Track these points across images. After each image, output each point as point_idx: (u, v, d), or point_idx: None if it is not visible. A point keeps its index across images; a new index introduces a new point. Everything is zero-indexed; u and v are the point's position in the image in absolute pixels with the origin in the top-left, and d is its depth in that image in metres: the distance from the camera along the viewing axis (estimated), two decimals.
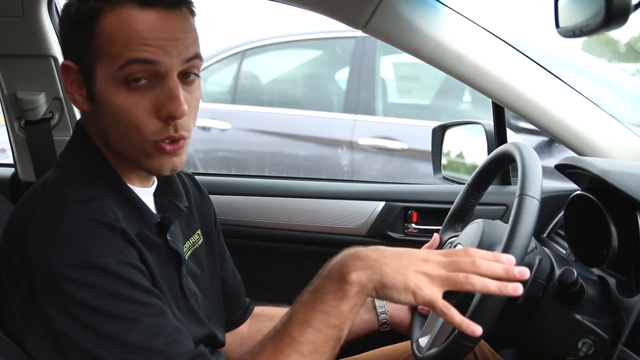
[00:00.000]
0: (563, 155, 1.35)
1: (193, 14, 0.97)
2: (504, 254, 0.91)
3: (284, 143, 4.02)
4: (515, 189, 1.02)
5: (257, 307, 1.36)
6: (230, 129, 4.08)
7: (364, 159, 3.85)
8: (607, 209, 1.14)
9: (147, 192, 1.05)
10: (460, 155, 1.99)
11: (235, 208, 1.80)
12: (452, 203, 1.32)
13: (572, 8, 0.86)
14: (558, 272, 1.07)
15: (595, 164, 1.17)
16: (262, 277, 1.76)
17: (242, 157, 4.17)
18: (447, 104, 4.01)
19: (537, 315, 1.09)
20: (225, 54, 4.16)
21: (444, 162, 1.84)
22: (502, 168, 1.29)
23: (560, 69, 1.70)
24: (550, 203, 1.52)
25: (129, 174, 1.01)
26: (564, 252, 1.37)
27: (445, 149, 1.84)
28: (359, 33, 1.41)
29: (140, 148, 0.94)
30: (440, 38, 1.35)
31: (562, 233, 1.46)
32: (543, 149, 3.02)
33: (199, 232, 1.17)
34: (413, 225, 1.72)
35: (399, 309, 1.28)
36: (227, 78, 4.31)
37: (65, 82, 0.97)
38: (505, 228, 1.00)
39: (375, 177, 3.80)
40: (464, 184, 1.31)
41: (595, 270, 1.17)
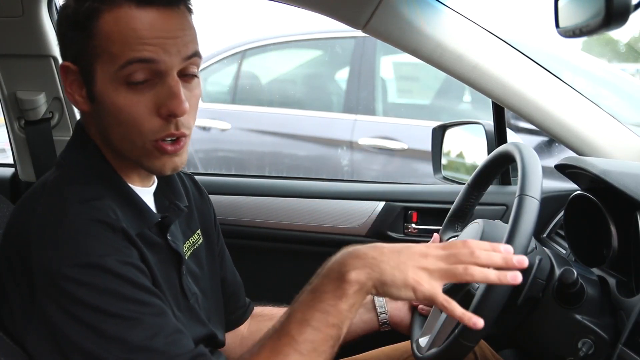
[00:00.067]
0: (563, 155, 1.35)
1: (191, 12, 0.97)
2: (502, 244, 0.91)
3: (284, 143, 4.02)
4: (515, 189, 1.02)
5: (257, 307, 1.36)
6: (230, 129, 4.08)
7: (364, 159, 3.85)
8: (607, 209, 1.14)
9: (147, 191, 1.05)
10: (460, 155, 1.99)
11: (235, 208, 1.80)
12: (452, 203, 1.32)
13: (572, 8, 0.86)
14: (558, 272, 1.07)
15: (595, 164, 1.17)
16: (262, 277, 1.76)
17: (242, 157, 4.17)
18: (447, 104, 4.01)
19: (537, 315, 1.09)
20: (225, 54, 4.16)
21: (444, 162, 1.84)
22: (502, 168, 1.29)
23: (560, 69, 1.70)
24: (550, 203, 1.52)
25: (129, 174, 1.01)
26: (564, 252, 1.37)
27: (445, 149, 1.84)
28: (359, 33, 1.41)
29: (141, 148, 0.94)
30: (440, 38, 1.35)
31: (562, 233, 1.46)
32: (543, 149, 3.02)
33: (199, 232, 1.17)
34: (413, 225, 1.72)
35: (399, 309, 1.28)
36: (227, 78, 4.31)
37: (65, 82, 0.97)
38: (505, 228, 1.00)
39: (375, 177, 3.80)
40: (464, 184, 1.31)
41: (595, 270, 1.17)
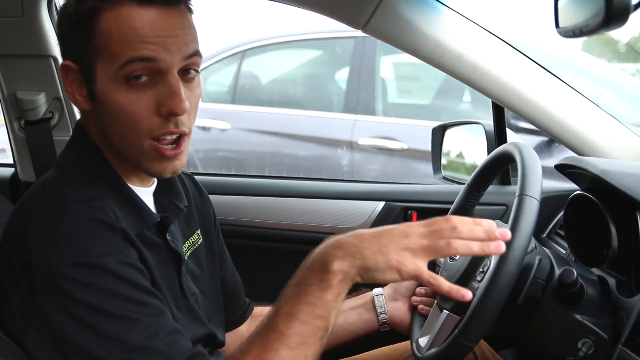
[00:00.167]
0: (563, 155, 1.35)
1: (191, 11, 0.97)
2: (485, 219, 0.91)
3: (284, 143, 4.02)
4: (515, 189, 1.02)
5: (257, 307, 1.36)
6: (230, 129, 4.08)
7: (364, 159, 3.85)
8: (607, 209, 1.14)
9: (146, 191, 1.05)
10: (460, 155, 1.99)
11: (235, 208, 1.80)
12: (452, 203, 1.32)
13: (572, 8, 0.86)
14: (558, 272, 1.07)
15: (595, 164, 1.17)
16: (262, 277, 1.75)
17: (242, 157, 4.17)
18: (447, 104, 4.01)
19: (537, 315, 1.09)
20: (225, 54, 4.16)
21: (444, 162, 1.84)
22: (502, 168, 1.29)
23: (560, 69, 1.70)
24: (550, 203, 1.52)
25: (129, 174, 1.01)
26: (564, 252, 1.36)
27: (445, 149, 1.84)
28: (359, 33, 1.41)
29: (140, 148, 0.94)
30: (440, 38, 1.35)
31: (562, 233, 1.46)
32: (543, 149, 3.02)
33: (199, 232, 1.17)
34: None
35: (399, 309, 1.28)
36: (227, 78, 4.31)
37: (65, 82, 0.97)
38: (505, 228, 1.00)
39: (375, 177, 3.80)
40: (464, 184, 1.31)
41: (595, 270, 1.17)
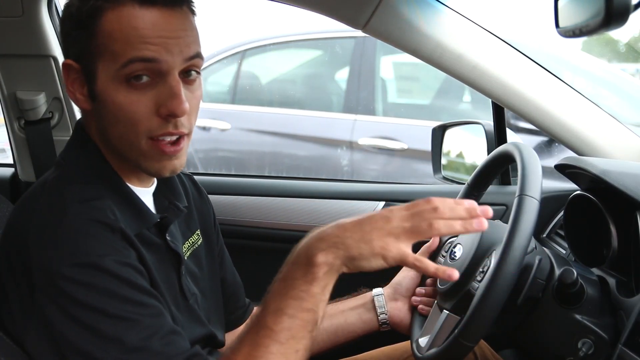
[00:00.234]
0: (563, 155, 1.35)
1: (193, 13, 0.97)
2: (466, 200, 0.91)
3: (284, 143, 4.02)
4: (515, 189, 1.02)
5: (257, 307, 1.35)
6: (230, 129, 4.08)
7: (364, 159, 3.85)
8: (607, 209, 1.14)
9: (146, 192, 1.05)
10: (460, 155, 1.99)
11: (235, 208, 1.80)
12: None
13: (572, 8, 0.86)
14: (558, 272, 1.07)
15: (595, 164, 1.17)
16: (261, 277, 1.74)
17: (242, 157, 4.17)
18: (447, 104, 4.01)
19: (537, 315, 1.09)
20: (225, 54, 4.16)
21: (444, 162, 1.83)
22: (501, 168, 1.29)
23: (560, 69, 1.70)
24: (550, 203, 1.51)
25: (129, 174, 1.01)
26: (564, 252, 1.36)
27: (445, 149, 1.84)
28: (359, 33, 1.41)
29: (138, 148, 0.94)
30: (440, 38, 1.35)
31: (562, 233, 1.46)
32: (543, 149, 3.02)
33: (198, 232, 1.17)
34: None
35: (399, 309, 1.28)
36: (227, 78, 4.31)
37: (67, 81, 0.97)
38: (505, 228, 1.00)
39: (375, 177, 3.80)
40: (464, 184, 1.31)
41: (595, 270, 1.17)
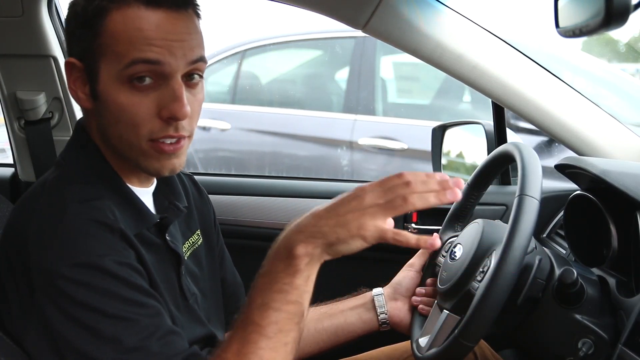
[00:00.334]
0: (563, 155, 1.35)
1: (198, 16, 0.97)
2: (437, 172, 0.90)
3: (284, 143, 4.02)
4: (515, 189, 1.02)
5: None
6: (230, 129, 4.08)
7: (364, 159, 3.85)
8: (607, 209, 1.13)
9: (146, 192, 1.05)
10: (460, 155, 1.99)
11: (235, 208, 1.80)
12: (452, 203, 1.32)
13: (572, 8, 0.86)
14: (558, 272, 1.07)
15: (595, 164, 1.17)
16: None
17: (242, 157, 4.17)
18: (447, 104, 4.01)
19: (537, 315, 1.09)
20: (225, 54, 4.16)
21: (444, 162, 1.84)
22: (502, 168, 1.29)
23: (560, 69, 1.70)
24: (550, 203, 1.51)
25: (129, 174, 1.01)
26: (564, 252, 1.36)
27: (445, 149, 1.84)
28: (359, 33, 1.41)
29: (138, 148, 0.94)
30: (440, 38, 1.35)
31: (562, 233, 1.46)
32: (543, 149, 3.02)
33: (199, 232, 1.17)
34: (413, 225, 1.72)
35: (399, 309, 1.28)
36: (227, 78, 4.31)
37: (69, 79, 0.97)
38: (505, 228, 1.00)
39: (375, 177, 3.79)
40: (464, 184, 1.31)
41: (595, 270, 1.17)
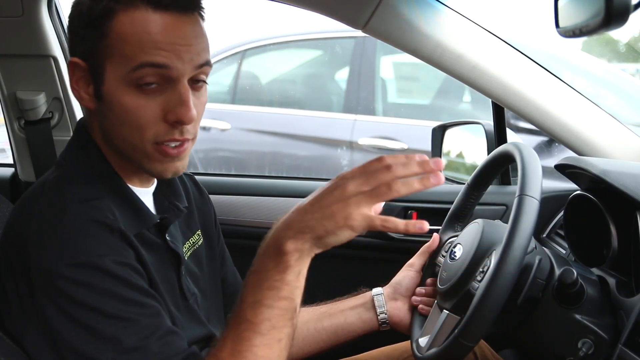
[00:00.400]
0: (563, 155, 1.35)
1: (203, 19, 0.97)
2: (417, 154, 0.90)
3: (284, 143, 4.02)
4: (515, 189, 1.02)
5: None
6: (230, 129, 4.08)
7: (364, 159, 3.81)
8: (607, 209, 1.14)
9: (146, 192, 1.05)
10: (460, 155, 1.99)
11: (235, 208, 1.80)
12: (452, 203, 1.32)
13: (572, 8, 0.86)
14: (558, 272, 1.07)
15: (595, 164, 1.17)
16: None
17: (242, 157, 4.17)
18: (447, 104, 4.01)
19: (537, 315, 1.09)
20: (225, 54, 4.15)
21: (444, 162, 1.83)
22: (501, 168, 1.29)
23: (560, 69, 1.70)
24: (550, 203, 1.51)
25: (130, 174, 1.01)
26: (564, 252, 1.36)
27: (445, 149, 1.84)
28: (359, 33, 1.41)
29: (142, 150, 0.94)
30: (440, 38, 1.35)
31: (562, 233, 1.46)
32: (543, 149, 3.02)
33: (199, 232, 1.17)
34: None
35: (399, 309, 1.28)
36: (227, 78, 4.31)
37: (71, 78, 0.96)
38: (505, 228, 1.00)
39: None
40: (464, 184, 1.31)
41: (595, 270, 1.17)
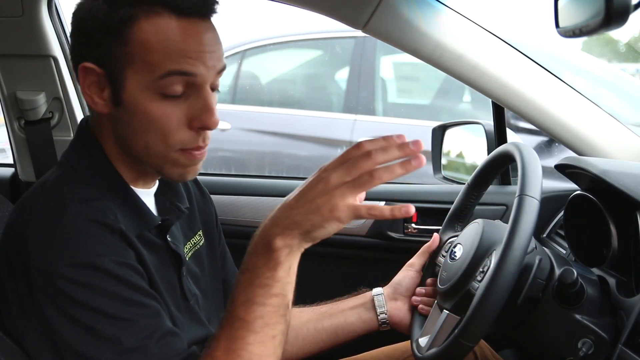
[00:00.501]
0: (563, 155, 1.35)
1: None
2: (395, 134, 0.88)
3: (284, 143, 4.02)
4: (515, 189, 1.02)
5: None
6: (230, 129, 4.08)
7: None
8: (607, 209, 1.14)
9: (148, 193, 1.05)
10: (460, 155, 1.99)
11: (236, 208, 1.80)
12: (452, 203, 1.32)
13: (572, 8, 0.86)
14: (558, 272, 1.07)
15: (595, 164, 1.17)
16: None
17: (242, 157, 4.17)
18: (447, 104, 4.01)
19: (537, 315, 1.09)
20: (225, 54, 4.13)
21: (444, 162, 1.84)
22: (502, 168, 1.29)
23: (560, 69, 1.70)
24: (550, 203, 1.51)
25: (134, 176, 1.01)
26: (564, 252, 1.36)
27: (445, 149, 1.84)
28: (359, 33, 1.41)
29: (165, 156, 0.95)
30: (440, 38, 1.35)
31: (562, 233, 1.46)
32: (543, 149, 3.02)
33: (200, 232, 1.17)
34: (413, 225, 1.72)
35: (399, 309, 1.28)
36: (227, 78, 4.31)
37: (83, 83, 0.95)
38: (505, 228, 1.00)
39: None
40: (464, 184, 1.31)
41: (595, 270, 1.17)
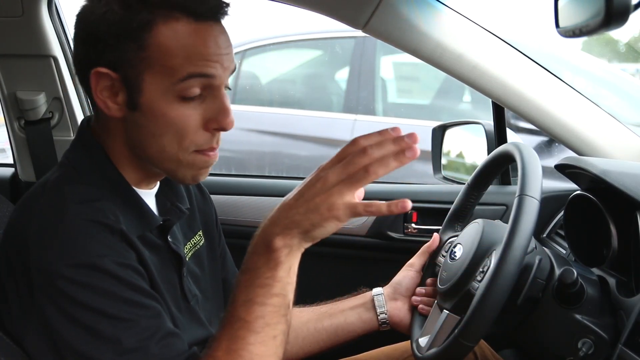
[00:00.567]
0: (563, 155, 1.35)
1: None
2: (390, 127, 0.88)
3: (284, 143, 4.02)
4: (515, 189, 1.02)
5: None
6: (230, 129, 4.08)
7: None
8: (607, 209, 1.14)
9: (149, 194, 1.05)
10: (460, 155, 1.99)
11: (236, 208, 1.80)
12: (452, 203, 1.33)
13: (572, 8, 0.86)
14: (558, 272, 1.07)
15: (595, 164, 1.17)
16: None
17: (242, 157, 4.16)
18: (447, 104, 4.01)
19: (537, 315, 1.09)
20: None
21: (444, 162, 1.84)
22: (502, 168, 1.29)
23: (560, 69, 1.70)
24: (550, 203, 1.51)
25: (137, 178, 1.01)
26: (564, 252, 1.36)
27: (445, 149, 1.84)
28: (359, 33, 1.41)
29: (178, 159, 0.95)
30: (440, 38, 1.35)
31: (562, 233, 1.46)
32: (543, 149, 3.02)
33: (201, 233, 1.17)
34: (413, 225, 1.72)
35: (399, 309, 1.28)
36: None
37: (95, 87, 0.94)
38: (505, 228, 1.00)
39: None
40: (464, 184, 1.31)
41: (595, 270, 1.17)
